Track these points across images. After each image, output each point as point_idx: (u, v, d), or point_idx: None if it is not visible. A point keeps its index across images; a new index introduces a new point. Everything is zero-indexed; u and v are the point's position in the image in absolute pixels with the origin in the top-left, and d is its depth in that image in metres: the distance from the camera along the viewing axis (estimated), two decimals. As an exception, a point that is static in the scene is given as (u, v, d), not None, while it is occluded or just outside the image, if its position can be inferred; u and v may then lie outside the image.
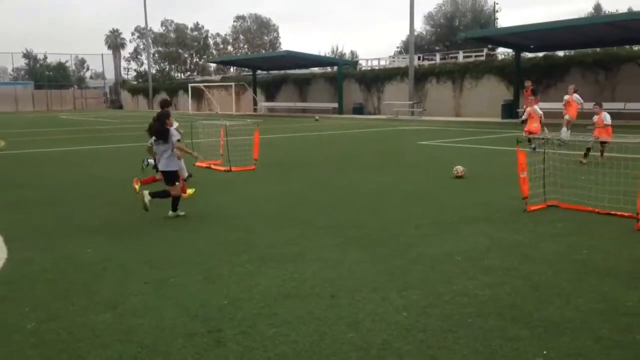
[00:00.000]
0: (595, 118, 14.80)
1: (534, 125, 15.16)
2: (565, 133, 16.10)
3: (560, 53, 38.18)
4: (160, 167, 8.62)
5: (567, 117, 17.20)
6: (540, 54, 36.34)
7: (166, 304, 4.86)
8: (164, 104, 10.25)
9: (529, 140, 13.77)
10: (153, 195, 8.29)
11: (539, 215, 8.12)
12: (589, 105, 15.81)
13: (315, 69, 55.16)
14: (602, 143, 12.74)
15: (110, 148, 19.74)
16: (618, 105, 30.01)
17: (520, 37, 32.40)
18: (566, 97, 17.80)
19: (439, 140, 20.76)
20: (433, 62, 46.97)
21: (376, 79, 45.35)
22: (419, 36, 72.09)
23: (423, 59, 49.22)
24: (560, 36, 30.80)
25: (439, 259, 6.04)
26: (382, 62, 51.84)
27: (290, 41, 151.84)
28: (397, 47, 79.16)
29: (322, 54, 68.89)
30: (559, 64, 34.67)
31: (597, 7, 79.92)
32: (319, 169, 13.71)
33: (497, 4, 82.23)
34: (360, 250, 6.47)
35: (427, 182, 11.58)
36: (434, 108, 39.74)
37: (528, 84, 20.98)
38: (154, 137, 8.73)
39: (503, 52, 45.21)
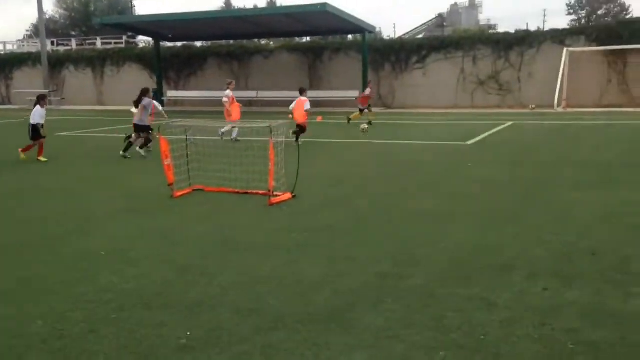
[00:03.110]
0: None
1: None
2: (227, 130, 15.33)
3: (199, 44, 39.95)
4: None
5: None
6: (179, 44, 37.39)
7: None
8: None
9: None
10: None
11: (185, 200, 8.33)
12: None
13: None
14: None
15: None
16: (251, 94, 32.92)
17: (158, 26, 32.72)
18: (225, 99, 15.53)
19: (79, 131, 19.66)
20: (69, 47, 44.10)
21: (3, 65, 40.43)
22: (52, 20, 66.95)
23: (58, 44, 45.78)
24: (196, 27, 32.10)
25: (81, 257, 5.65)
26: (9, 47, 46.42)
27: None
28: (27, 31, 72.03)
29: None
30: (197, 54, 36.24)
31: (227, 3, 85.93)
32: None
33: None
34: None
35: (77, 177, 10.80)
36: (75, 97, 37.53)
37: None
38: None
39: (144, 40, 45.14)
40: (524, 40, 29.45)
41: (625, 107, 26.35)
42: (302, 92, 14.99)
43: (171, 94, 35.11)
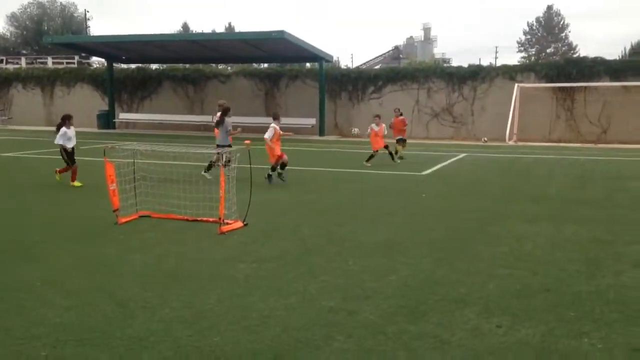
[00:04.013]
0: (376, 128, 16.34)
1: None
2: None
3: (154, 66, 39.43)
4: None
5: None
6: (134, 66, 36.79)
7: None
8: None
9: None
10: None
11: (130, 227, 7.98)
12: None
13: None
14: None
15: None
16: (206, 119, 32.51)
17: (111, 47, 32.15)
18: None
19: (25, 151, 18.93)
20: (18, 65, 42.92)
21: (-52, 82, 38.98)
22: (2, 37, 65.38)
23: (7, 62, 44.55)
24: (151, 50, 31.65)
25: (12, 287, 5.28)
26: (-45, 63, 44.96)
27: None
28: (-26, 47, 70.10)
29: None
30: (152, 76, 35.70)
31: (185, 26, 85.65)
32: None
33: (88, 12, 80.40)
34: None
35: (18, 201, 10.29)
36: (23, 116, 36.39)
37: None
38: None
39: (97, 61, 44.32)
40: (477, 74, 30.14)
41: (573, 142, 27.14)
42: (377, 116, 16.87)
43: (123, 115, 34.39)
